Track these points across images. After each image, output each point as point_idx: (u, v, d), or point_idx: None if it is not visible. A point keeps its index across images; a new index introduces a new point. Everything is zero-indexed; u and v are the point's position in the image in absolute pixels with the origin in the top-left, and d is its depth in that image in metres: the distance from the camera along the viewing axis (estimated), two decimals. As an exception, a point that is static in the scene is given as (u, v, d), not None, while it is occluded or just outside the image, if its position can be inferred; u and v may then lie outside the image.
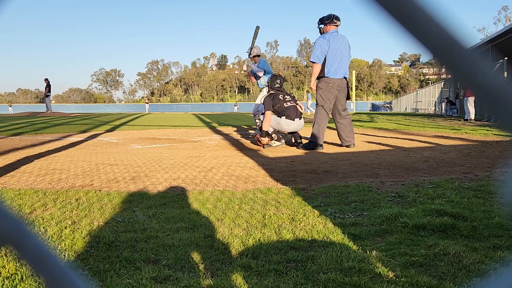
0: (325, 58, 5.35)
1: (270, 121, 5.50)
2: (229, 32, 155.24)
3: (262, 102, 5.87)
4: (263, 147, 5.53)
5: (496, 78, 0.18)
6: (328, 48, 5.30)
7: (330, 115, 5.56)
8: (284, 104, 5.53)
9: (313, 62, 5.41)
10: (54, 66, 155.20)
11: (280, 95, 5.59)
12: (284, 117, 5.49)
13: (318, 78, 5.48)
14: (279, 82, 5.73)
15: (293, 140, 5.74)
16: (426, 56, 0.19)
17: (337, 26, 5.44)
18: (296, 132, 5.62)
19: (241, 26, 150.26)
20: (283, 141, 5.59)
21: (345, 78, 5.49)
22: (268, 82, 5.85)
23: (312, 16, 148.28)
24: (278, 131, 5.60)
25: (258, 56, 7.31)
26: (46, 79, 19.92)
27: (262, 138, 5.58)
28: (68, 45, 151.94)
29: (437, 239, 1.80)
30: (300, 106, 5.63)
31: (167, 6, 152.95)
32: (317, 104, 5.50)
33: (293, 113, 5.51)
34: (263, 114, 5.62)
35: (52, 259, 0.23)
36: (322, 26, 5.50)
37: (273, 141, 5.54)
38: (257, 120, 5.68)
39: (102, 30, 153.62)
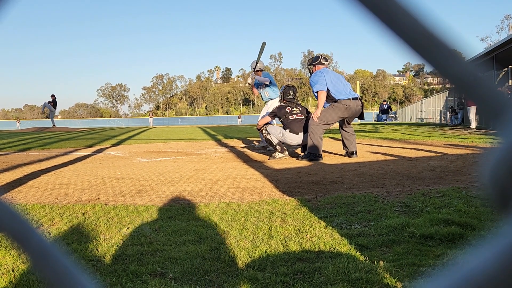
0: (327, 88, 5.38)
1: (273, 130, 5.53)
2: (233, 45, 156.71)
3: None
4: (261, 131, 5.77)
5: (471, 68, 0.19)
6: (325, 77, 5.37)
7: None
8: (290, 117, 5.55)
9: (318, 91, 5.35)
10: (61, 81, 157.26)
11: (288, 108, 5.61)
12: (288, 130, 5.52)
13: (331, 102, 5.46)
14: (292, 93, 5.75)
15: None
16: (403, 50, 0.20)
17: (325, 66, 5.59)
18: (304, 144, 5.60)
19: (245, 39, 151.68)
20: (286, 152, 5.59)
21: (359, 99, 5.47)
22: (281, 93, 5.88)
23: (316, 28, 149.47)
24: (283, 142, 5.61)
25: (262, 70, 7.50)
26: (52, 95, 20.18)
27: (259, 122, 5.88)
28: (74, 61, 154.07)
29: (445, 248, 1.79)
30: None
31: (171, 20, 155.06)
32: (317, 117, 5.36)
33: (297, 127, 5.52)
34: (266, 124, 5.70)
35: (55, 255, 0.24)
36: (311, 66, 5.66)
37: (276, 153, 5.54)
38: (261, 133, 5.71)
39: (108, 45, 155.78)
